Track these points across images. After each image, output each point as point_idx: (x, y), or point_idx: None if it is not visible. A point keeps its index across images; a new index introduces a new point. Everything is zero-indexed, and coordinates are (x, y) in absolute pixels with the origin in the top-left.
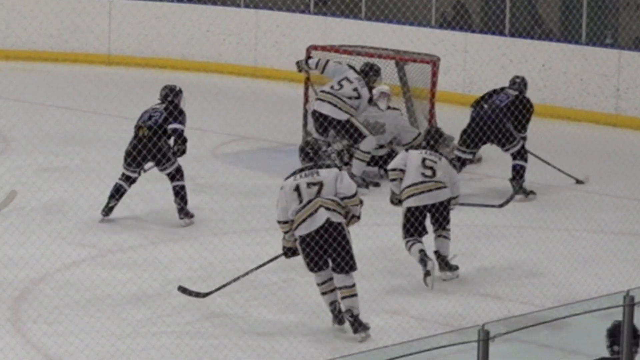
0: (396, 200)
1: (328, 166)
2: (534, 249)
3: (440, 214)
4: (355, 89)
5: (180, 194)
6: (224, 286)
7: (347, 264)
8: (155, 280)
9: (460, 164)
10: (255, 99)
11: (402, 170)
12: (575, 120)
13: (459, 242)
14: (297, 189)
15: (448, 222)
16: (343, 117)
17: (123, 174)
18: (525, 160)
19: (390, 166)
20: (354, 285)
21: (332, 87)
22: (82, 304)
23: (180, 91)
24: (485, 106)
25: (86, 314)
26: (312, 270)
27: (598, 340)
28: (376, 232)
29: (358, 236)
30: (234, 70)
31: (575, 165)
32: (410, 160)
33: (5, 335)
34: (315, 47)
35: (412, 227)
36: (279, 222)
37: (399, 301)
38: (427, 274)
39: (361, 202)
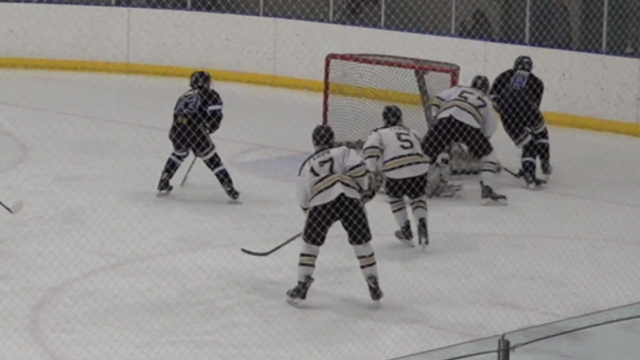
0: (375, 187)
1: (339, 146)
2: (554, 259)
3: (417, 184)
4: (479, 98)
5: (224, 180)
6: (282, 245)
7: (360, 234)
8: (174, 289)
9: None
10: (274, 108)
11: (378, 148)
12: (595, 129)
13: (479, 251)
14: (312, 170)
15: (423, 192)
16: (477, 126)
17: (174, 153)
18: (547, 138)
19: (366, 145)
20: (372, 254)
21: (460, 95)
22: (101, 313)
23: (209, 76)
24: (506, 93)
25: (105, 323)
26: (308, 240)
27: (619, 350)
28: (399, 246)
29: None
30: (253, 79)
31: (595, 174)
32: (385, 138)
33: (23, 344)
34: (334, 56)
35: (395, 195)
36: (303, 208)
37: (418, 311)
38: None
39: (369, 174)
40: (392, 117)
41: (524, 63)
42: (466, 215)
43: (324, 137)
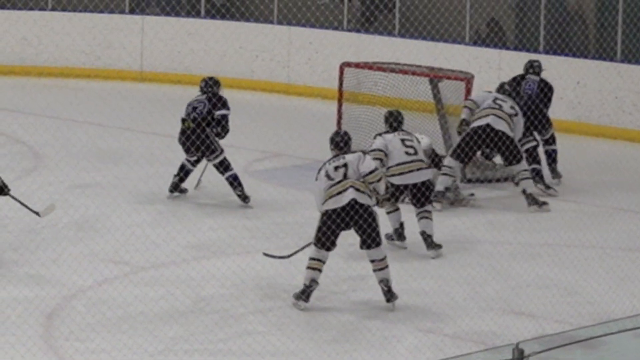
0: (382, 201)
1: (354, 152)
2: (568, 267)
3: (422, 193)
4: (512, 107)
5: (234, 184)
6: (303, 248)
7: (371, 239)
8: (188, 297)
9: (531, 158)
10: (288, 116)
11: (383, 152)
12: (609, 137)
13: (493, 260)
14: (326, 174)
15: (429, 201)
16: (512, 134)
17: (186, 158)
18: (556, 143)
19: (371, 148)
20: (384, 257)
21: (494, 102)
22: (115, 321)
23: (218, 81)
24: (520, 101)
25: (118, 331)
26: (318, 244)
27: (634, 359)
28: (413, 255)
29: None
30: (267, 87)
31: (610, 182)
32: (391, 143)
33: (37, 352)
34: (348, 64)
35: (396, 200)
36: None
37: (433, 319)
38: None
39: (381, 179)
40: (394, 122)
41: (534, 67)
42: (480, 223)
43: (339, 143)
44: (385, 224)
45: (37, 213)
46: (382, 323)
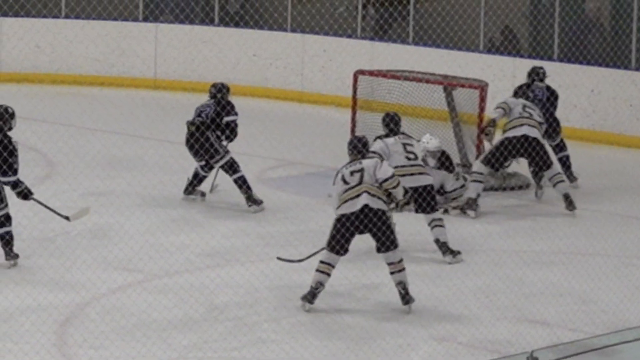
0: (401, 206)
1: (371, 157)
2: (583, 276)
3: (424, 198)
4: (539, 114)
5: (242, 186)
6: (318, 252)
7: (388, 242)
8: (202, 305)
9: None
10: (302, 124)
11: (379, 155)
12: (624, 146)
13: (507, 268)
14: (343, 178)
15: (434, 208)
16: (543, 141)
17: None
18: (567, 148)
19: (372, 149)
20: (401, 260)
21: (524, 110)
22: (128, 329)
23: (227, 87)
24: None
25: (132, 339)
26: (330, 248)
27: None
28: (427, 263)
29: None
30: (281, 94)
31: (624, 190)
32: (391, 147)
33: None
34: (362, 72)
35: (397, 205)
36: None
37: (446, 328)
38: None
39: (399, 184)
40: (392, 124)
41: (539, 74)
42: (494, 231)
43: (356, 148)
44: (418, 239)
45: (66, 218)
46: (395, 331)
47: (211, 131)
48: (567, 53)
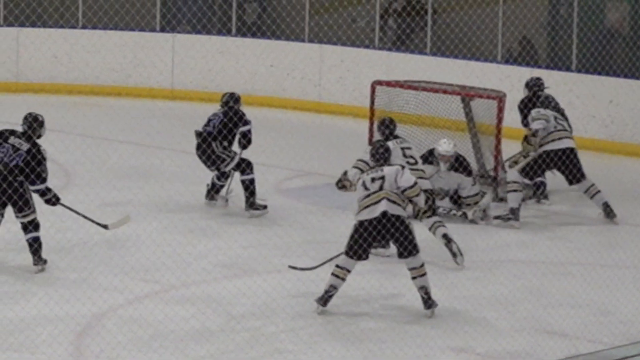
0: (340, 185)
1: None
2: (602, 287)
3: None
4: (569, 125)
5: (249, 188)
6: (329, 260)
7: (407, 249)
8: (219, 316)
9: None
10: (319, 134)
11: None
12: None
13: (525, 279)
14: (363, 184)
15: (435, 212)
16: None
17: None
18: None
19: (361, 156)
20: (422, 265)
21: (558, 122)
22: (145, 340)
23: (239, 97)
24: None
25: (149, 349)
26: (349, 253)
27: None
28: (445, 273)
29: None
30: (298, 105)
31: None
32: (392, 152)
33: None
34: (380, 83)
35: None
36: None
37: (465, 339)
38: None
39: (422, 192)
40: (386, 130)
41: (539, 85)
42: (512, 242)
43: (377, 154)
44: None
45: (105, 226)
46: (413, 342)
47: (218, 142)
48: (585, 64)
